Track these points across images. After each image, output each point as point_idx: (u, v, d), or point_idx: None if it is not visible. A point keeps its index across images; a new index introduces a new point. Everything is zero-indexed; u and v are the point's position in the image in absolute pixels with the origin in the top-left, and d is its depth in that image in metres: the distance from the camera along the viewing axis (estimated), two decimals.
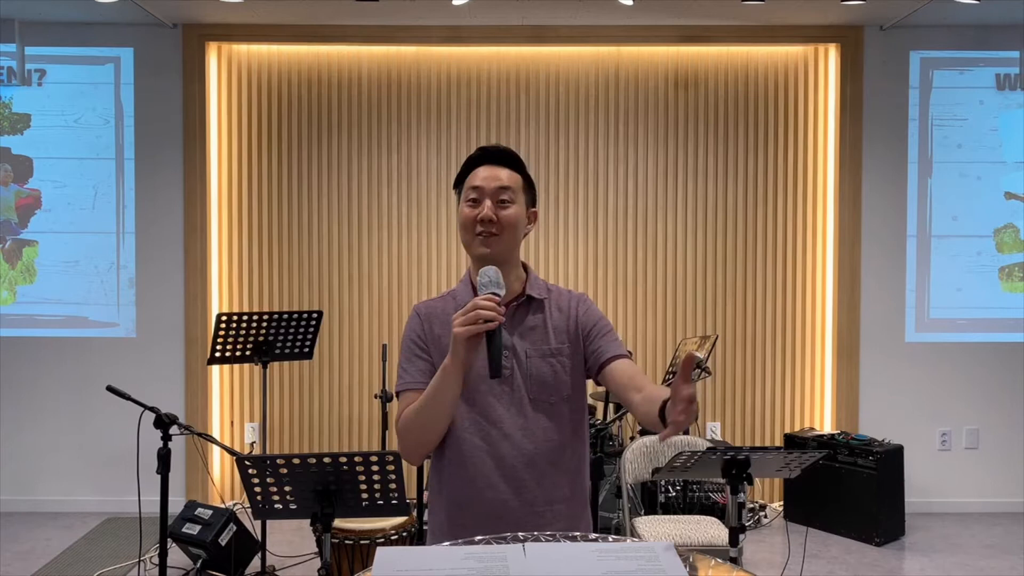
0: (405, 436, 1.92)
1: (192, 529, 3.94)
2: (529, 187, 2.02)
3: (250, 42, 5.31)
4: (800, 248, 5.38)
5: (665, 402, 1.69)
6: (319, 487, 2.31)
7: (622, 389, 1.90)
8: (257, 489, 2.36)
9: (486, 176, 1.96)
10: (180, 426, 3.21)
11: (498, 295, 1.81)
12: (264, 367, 4.18)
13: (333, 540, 3.43)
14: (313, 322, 4.24)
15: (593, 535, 1.67)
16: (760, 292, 5.39)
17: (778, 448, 5.11)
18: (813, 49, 5.36)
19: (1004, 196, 5.34)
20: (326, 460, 2.29)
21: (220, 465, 5.36)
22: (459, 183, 2.02)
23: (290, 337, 4.20)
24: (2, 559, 4.51)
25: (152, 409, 3.22)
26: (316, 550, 3.54)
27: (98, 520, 5.09)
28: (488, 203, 1.93)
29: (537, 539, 1.60)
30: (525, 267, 2.04)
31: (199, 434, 3.32)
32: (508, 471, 1.90)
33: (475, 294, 1.92)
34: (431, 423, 1.89)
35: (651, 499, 4.67)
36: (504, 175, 1.97)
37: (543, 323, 1.97)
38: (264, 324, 4.12)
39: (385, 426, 4.38)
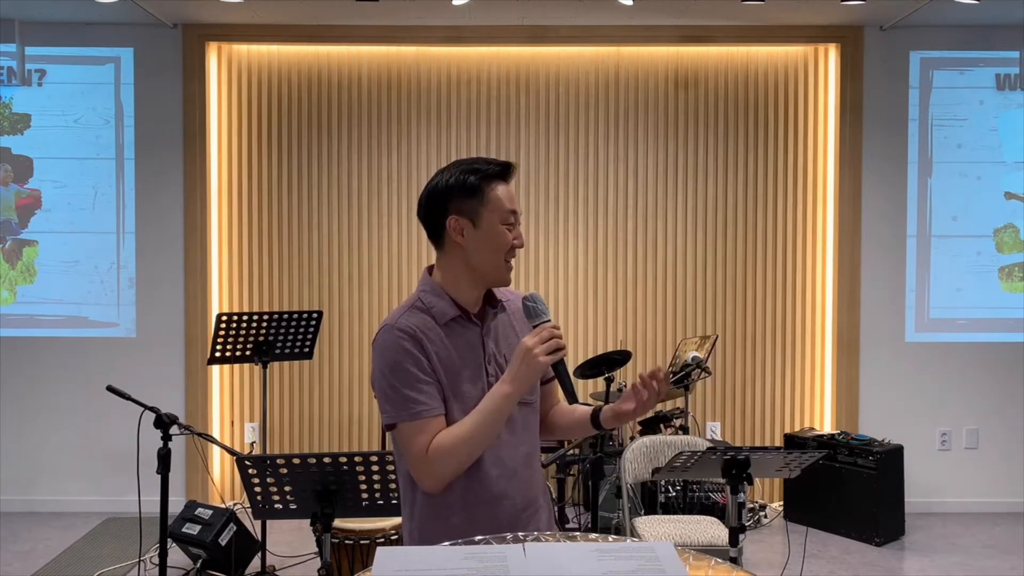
0: (443, 465, 1.80)
1: (192, 529, 3.94)
2: None
3: (250, 42, 5.31)
4: (800, 248, 5.38)
5: (598, 410, 1.98)
6: (319, 487, 2.32)
7: (546, 405, 2.08)
8: (257, 489, 2.36)
9: (514, 198, 1.92)
10: (180, 426, 3.21)
11: (551, 320, 1.85)
12: (264, 367, 4.18)
13: (333, 540, 3.43)
14: (313, 322, 4.24)
15: (593, 535, 1.67)
16: (760, 292, 5.39)
17: (778, 448, 5.11)
18: (813, 49, 5.36)
19: (1004, 196, 5.34)
20: (326, 460, 2.29)
21: (220, 465, 5.36)
22: (472, 193, 1.86)
23: (290, 337, 4.20)
24: (2, 559, 4.51)
25: (152, 409, 3.22)
26: (316, 550, 3.54)
27: (98, 520, 5.09)
28: (519, 229, 1.91)
29: (537, 539, 1.60)
30: None
31: (199, 434, 3.33)
32: (510, 473, 1.89)
33: (457, 308, 1.90)
34: (479, 449, 1.83)
35: (651, 499, 4.67)
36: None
37: (510, 324, 1.97)
38: (264, 324, 4.12)
39: None
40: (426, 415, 1.81)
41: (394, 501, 2.39)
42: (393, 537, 3.57)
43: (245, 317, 4.10)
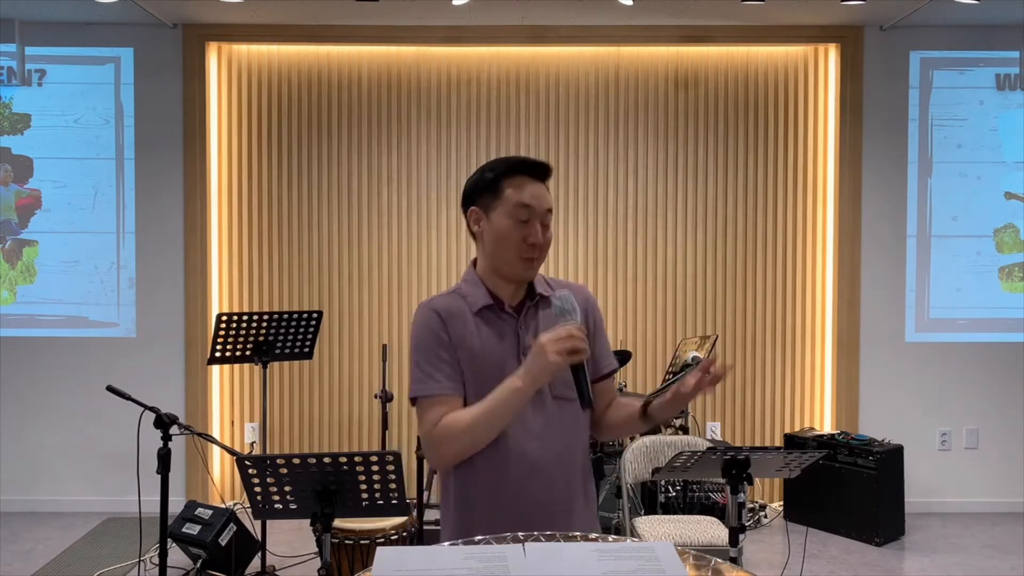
0: (446, 447, 1.84)
1: (192, 529, 3.94)
2: None
3: (250, 42, 5.31)
4: (800, 248, 5.38)
5: (649, 399, 1.90)
6: (319, 487, 2.32)
7: (600, 403, 2.03)
8: (257, 489, 2.36)
9: (536, 195, 1.90)
10: (180, 426, 3.21)
11: (578, 322, 1.81)
12: (264, 367, 4.18)
13: (333, 540, 3.43)
14: (313, 322, 4.24)
15: (593, 535, 1.67)
16: (760, 292, 5.39)
17: (778, 448, 5.11)
18: (813, 49, 5.36)
19: (1004, 196, 5.34)
20: (326, 460, 2.29)
21: (220, 465, 5.36)
22: (488, 188, 1.92)
23: (290, 337, 4.20)
24: (2, 559, 4.51)
25: (152, 409, 3.22)
26: (316, 550, 3.54)
27: (98, 520, 5.09)
28: (537, 226, 1.89)
29: (537, 539, 1.60)
30: None
31: (199, 434, 3.32)
32: (538, 471, 1.87)
33: (492, 297, 1.92)
34: (484, 439, 1.83)
35: (651, 499, 4.67)
36: (548, 195, 1.93)
37: (553, 319, 1.91)
38: (264, 324, 4.12)
39: (385, 426, 4.38)
40: (439, 393, 1.85)
41: (394, 501, 2.39)
42: (393, 537, 3.57)
43: (245, 317, 4.09)
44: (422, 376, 1.87)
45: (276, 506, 2.38)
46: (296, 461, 2.30)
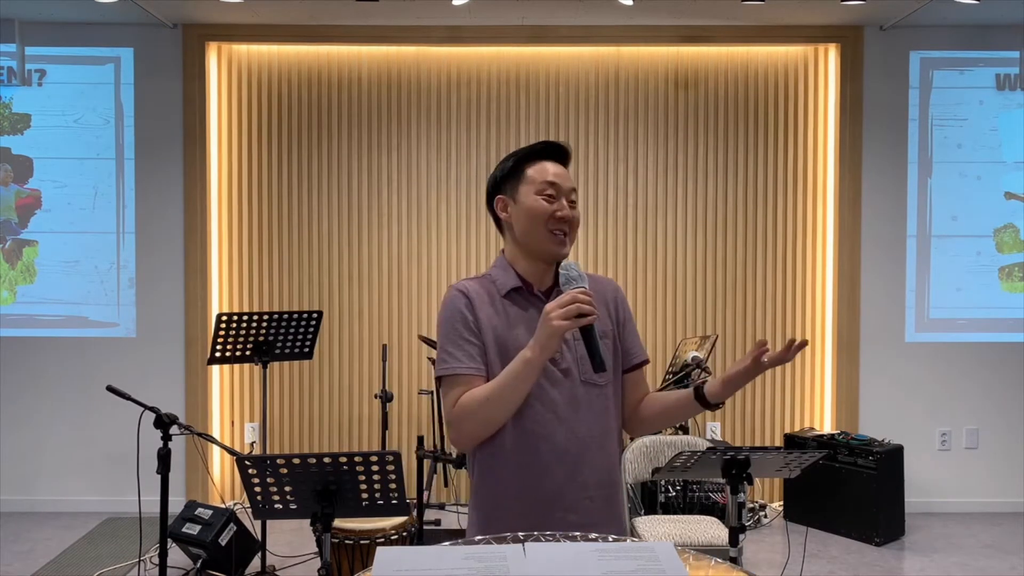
0: (464, 424, 1.87)
1: (192, 529, 3.94)
2: None
3: (250, 42, 5.31)
4: (800, 248, 5.38)
5: (699, 386, 1.92)
6: (319, 487, 2.31)
7: (636, 397, 2.04)
8: (257, 489, 2.36)
9: (559, 174, 1.94)
10: (180, 426, 3.21)
11: (586, 288, 1.81)
12: (264, 367, 4.18)
13: (333, 540, 3.43)
14: (313, 322, 4.24)
15: (593, 535, 1.67)
16: (760, 292, 5.39)
17: (778, 448, 5.10)
18: (813, 49, 5.36)
19: (1004, 196, 5.34)
20: (326, 460, 2.29)
21: (220, 465, 5.36)
22: (511, 175, 1.97)
23: (290, 337, 4.20)
24: (2, 559, 4.51)
25: (152, 409, 3.22)
26: (316, 550, 3.54)
27: (98, 520, 5.09)
28: (564, 202, 1.93)
29: (537, 539, 1.60)
30: None
31: (199, 434, 3.32)
32: (563, 455, 1.88)
33: (520, 280, 1.94)
34: (501, 414, 1.84)
35: (651, 499, 4.67)
36: (570, 176, 1.97)
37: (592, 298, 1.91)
38: (264, 324, 4.12)
39: (385, 426, 4.38)
40: (461, 372, 1.87)
41: (394, 501, 2.39)
42: (393, 537, 3.57)
43: (245, 317, 4.09)
44: (446, 356, 1.90)
45: (276, 506, 2.38)
46: (296, 461, 2.30)
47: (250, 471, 2.33)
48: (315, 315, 4.24)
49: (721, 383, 1.88)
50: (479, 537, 1.62)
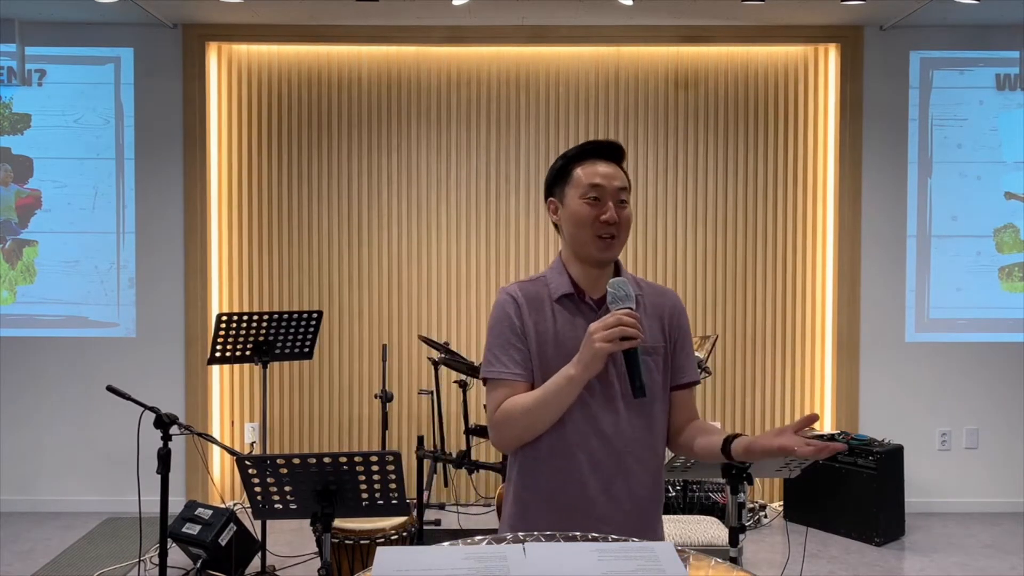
0: (505, 430, 1.88)
1: (192, 529, 3.94)
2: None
3: (250, 42, 5.31)
4: (800, 248, 5.38)
5: (731, 438, 1.83)
6: (319, 487, 2.32)
7: (681, 417, 2.00)
8: (257, 489, 2.36)
9: (607, 174, 1.90)
10: (180, 426, 3.21)
11: (632, 309, 1.79)
12: (264, 367, 4.18)
13: (333, 540, 3.43)
14: (313, 322, 4.24)
15: (593, 534, 1.67)
16: (760, 292, 5.39)
17: None
18: (813, 49, 5.36)
19: (1004, 196, 5.34)
20: (326, 460, 2.29)
21: (220, 465, 5.36)
22: (560, 176, 1.94)
23: (290, 337, 4.20)
24: (2, 559, 4.52)
25: (152, 409, 3.22)
26: (316, 550, 3.54)
27: (98, 520, 5.09)
28: (611, 204, 1.88)
29: (537, 539, 1.60)
30: (616, 264, 1.99)
31: (199, 434, 3.32)
32: (599, 468, 1.87)
33: (573, 285, 1.92)
34: (540, 424, 1.85)
35: None
36: (620, 175, 1.93)
37: (639, 322, 1.87)
38: (264, 324, 4.12)
39: (385, 426, 4.38)
40: (504, 376, 1.88)
41: (394, 501, 2.39)
42: (393, 537, 3.57)
43: (245, 317, 4.09)
44: (492, 358, 1.91)
45: (276, 506, 2.38)
46: (296, 461, 2.30)
47: (250, 471, 2.33)
48: (315, 315, 4.25)
49: (745, 448, 1.81)
50: (479, 537, 1.62)
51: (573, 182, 1.92)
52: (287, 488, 2.34)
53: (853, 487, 4.79)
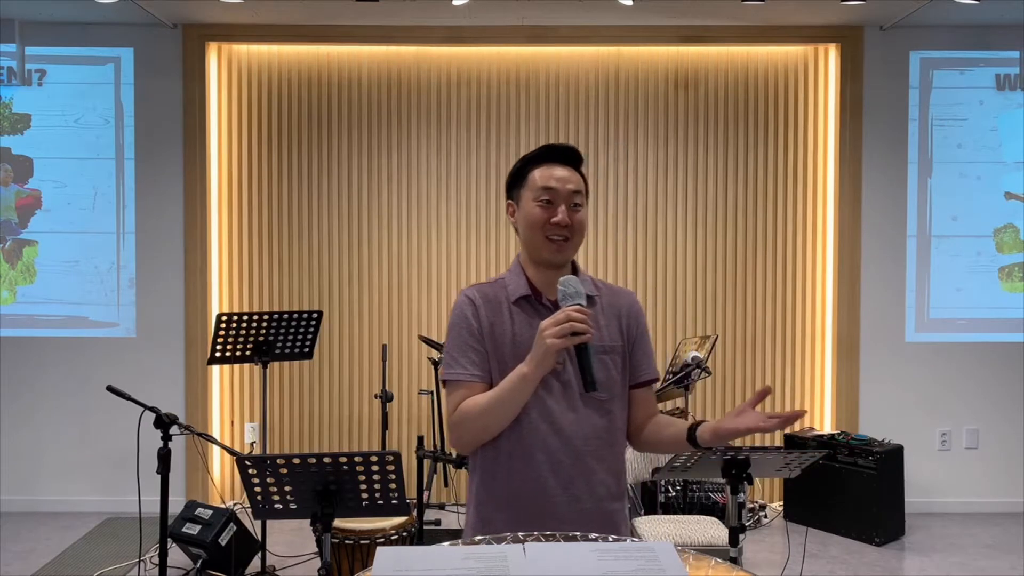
0: (462, 430, 1.89)
1: (192, 529, 3.94)
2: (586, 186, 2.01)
3: (250, 42, 5.31)
4: (800, 248, 5.38)
5: (695, 425, 1.87)
6: (319, 487, 2.31)
7: (641, 414, 2.02)
8: (257, 489, 2.36)
9: (561, 177, 1.93)
10: (180, 426, 3.21)
11: (583, 305, 1.81)
12: (264, 367, 4.18)
13: (333, 540, 3.43)
14: (313, 322, 4.24)
15: (593, 535, 1.68)
16: (760, 292, 5.39)
17: (778, 448, 5.10)
18: (813, 49, 5.36)
19: (1004, 196, 5.34)
20: (326, 460, 2.29)
21: (220, 465, 5.36)
22: (517, 178, 1.97)
23: (290, 337, 4.20)
24: (2, 559, 4.51)
25: (152, 409, 3.22)
26: (316, 550, 3.54)
27: (98, 520, 5.09)
28: (563, 207, 1.91)
29: (537, 539, 1.60)
30: (574, 265, 2.02)
31: (199, 434, 3.32)
32: (557, 466, 1.88)
33: (530, 287, 1.94)
34: (496, 424, 1.87)
35: (651, 499, 4.67)
36: (576, 178, 1.95)
37: (595, 320, 1.90)
38: (264, 324, 4.12)
39: (385, 426, 4.38)
40: (462, 378, 1.90)
41: (394, 501, 2.39)
42: (393, 537, 3.57)
43: (245, 317, 4.09)
44: (450, 360, 1.93)
45: (276, 506, 2.38)
46: (296, 461, 2.30)
47: (250, 471, 2.33)
48: (315, 315, 4.25)
49: (712, 432, 1.85)
50: (479, 537, 1.62)
51: (528, 184, 1.95)
52: (287, 488, 2.34)
53: (853, 487, 4.79)
